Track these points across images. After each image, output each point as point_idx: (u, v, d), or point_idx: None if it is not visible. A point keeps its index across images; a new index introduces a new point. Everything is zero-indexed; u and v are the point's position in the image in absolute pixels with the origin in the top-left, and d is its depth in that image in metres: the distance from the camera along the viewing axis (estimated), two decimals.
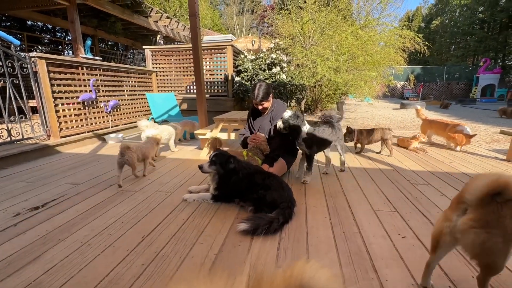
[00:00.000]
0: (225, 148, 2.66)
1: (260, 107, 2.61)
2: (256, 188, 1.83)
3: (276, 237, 1.57)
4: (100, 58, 5.23)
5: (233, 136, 3.70)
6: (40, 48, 11.02)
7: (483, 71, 15.49)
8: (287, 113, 2.35)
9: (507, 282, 1.25)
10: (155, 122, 5.48)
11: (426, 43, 6.54)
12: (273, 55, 6.07)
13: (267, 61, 6.06)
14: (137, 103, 5.59)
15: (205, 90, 5.26)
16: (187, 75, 6.37)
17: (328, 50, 6.13)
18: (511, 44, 21.99)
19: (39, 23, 11.63)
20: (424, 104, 10.97)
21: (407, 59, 7.33)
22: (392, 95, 18.77)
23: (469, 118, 7.71)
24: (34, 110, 4.35)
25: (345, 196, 2.15)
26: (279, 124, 2.37)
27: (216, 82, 6.21)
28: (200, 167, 1.92)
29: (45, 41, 12.17)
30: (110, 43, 13.52)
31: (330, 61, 5.66)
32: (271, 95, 2.60)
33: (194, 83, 6.06)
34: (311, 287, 0.32)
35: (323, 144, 2.49)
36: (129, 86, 5.39)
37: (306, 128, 2.39)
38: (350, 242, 1.54)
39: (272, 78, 5.89)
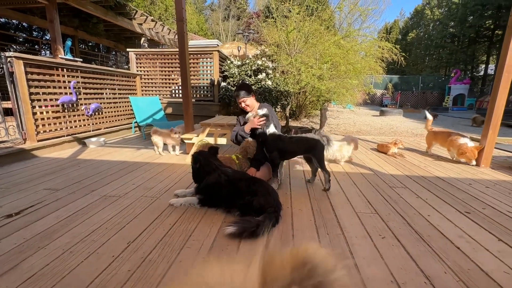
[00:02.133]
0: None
1: (242, 105, 2.68)
2: (243, 194, 1.84)
3: (263, 240, 1.58)
4: (81, 60, 5.07)
5: (220, 141, 3.68)
6: (14, 47, 10.47)
7: (454, 82, 16.55)
8: (262, 111, 2.45)
9: (475, 277, 1.35)
10: (138, 126, 5.37)
11: (403, 54, 6.88)
12: (259, 62, 6.15)
13: (253, 67, 6.12)
14: (120, 107, 5.44)
15: (191, 95, 5.25)
16: (173, 79, 6.27)
17: (312, 58, 6.21)
18: (478, 57, 23.69)
19: (14, 21, 11.08)
20: (402, 112, 11.52)
21: (386, 68, 7.19)
22: (372, 102, 19.61)
23: (443, 126, 8.19)
24: (9, 112, 4.14)
25: (329, 199, 2.21)
26: (249, 115, 2.50)
27: (202, 87, 6.17)
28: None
29: (20, 39, 11.58)
30: (90, 44, 13.10)
31: (314, 69, 5.77)
32: (252, 93, 2.71)
33: (180, 87, 5.98)
34: (313, 259, 0.42)
35: (286, 152, 2.39)
36: (112, 89, 5.24)
37: (269, 130, 2.40)
38: (334, 242, 1.59)
39: (258, 84, 5.89)
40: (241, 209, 1.83)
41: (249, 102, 2.68)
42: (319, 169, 2.42)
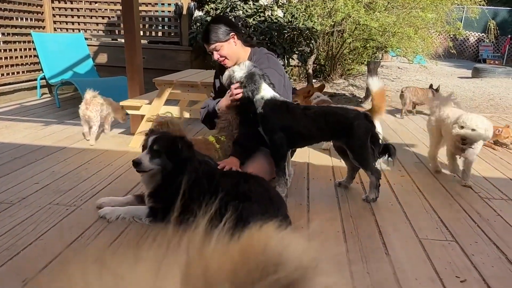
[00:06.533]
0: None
1: (215, 57, 2.03)
2: (225, 198, 1.42)
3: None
4: None
5: (189, 113, 2.76)
6: None
7: None
8: (241, 69, 1.77)
9: None
10: (48, 84, 4.21)
11: None
12: None
13: None
14: (14, 51, 3.99)
15: (141, 32, 3.87)
16: (109, 2, 4.66)
17: None
18: None
19: None
20: None
21: None
22: (460, 54, 13.57)
23: None
24: None
25: (373, 216, 1.76)
26: (226, 74, 1.85)
27: (160, 19, 4.69)
28: (137, 164, 1.45)
29: None
30: None
31: None
32: (233, 34, 2.01)
33: (121, 18, 4.11)
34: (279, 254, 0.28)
35: (298, 134, 1.79)
36: None
37: (262, 95, 1.76)
38: None
39: (260, 16, 4.39)
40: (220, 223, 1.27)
41: (226, 50, 2.00)
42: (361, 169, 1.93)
